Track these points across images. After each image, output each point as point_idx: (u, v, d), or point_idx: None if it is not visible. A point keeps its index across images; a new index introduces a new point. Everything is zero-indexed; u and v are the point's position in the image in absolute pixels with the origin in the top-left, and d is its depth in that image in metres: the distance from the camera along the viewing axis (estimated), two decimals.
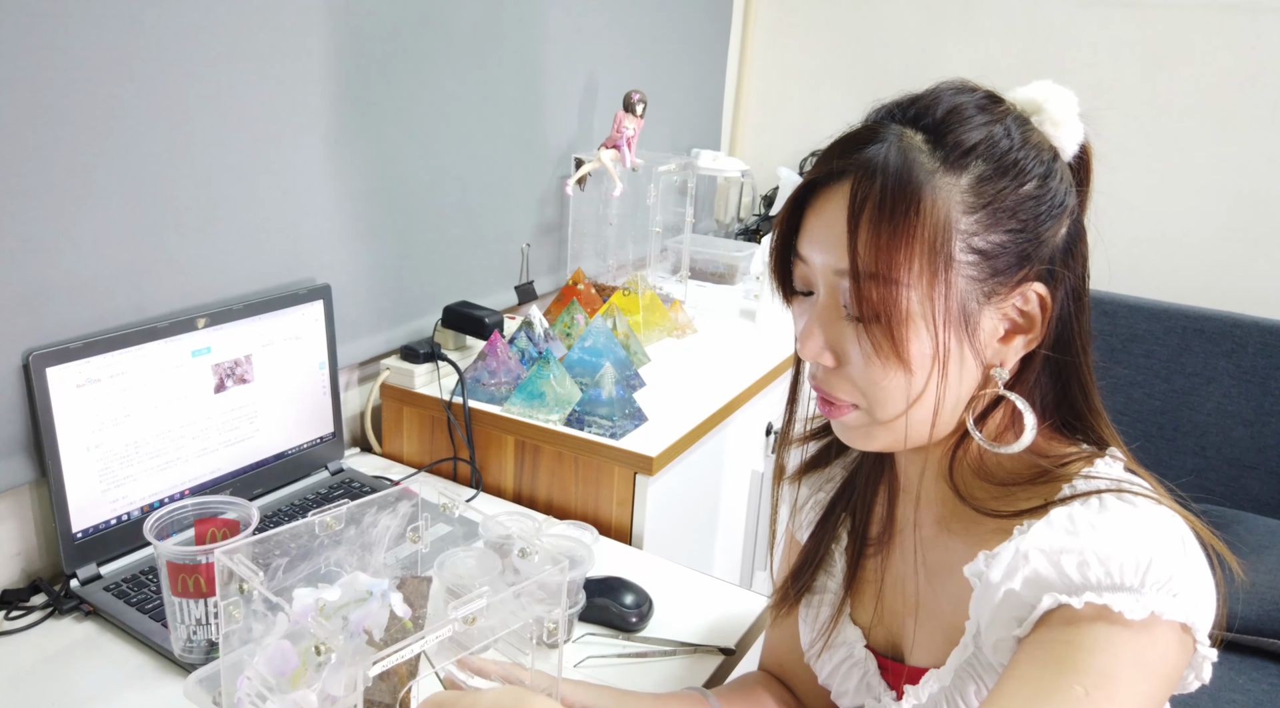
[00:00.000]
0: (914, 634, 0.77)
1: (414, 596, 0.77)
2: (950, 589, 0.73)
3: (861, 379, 0.66)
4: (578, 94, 1.89)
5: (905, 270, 0.62)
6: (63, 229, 1.03)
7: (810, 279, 0.69)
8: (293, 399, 1.28)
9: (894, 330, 0.63)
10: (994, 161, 0.63)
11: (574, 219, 1.90)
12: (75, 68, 1.01)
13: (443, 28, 1.49)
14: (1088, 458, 0.69)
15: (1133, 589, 0.58)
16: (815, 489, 0.89)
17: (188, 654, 0.94)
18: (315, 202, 1.33)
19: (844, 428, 0.72)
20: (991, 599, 0.64)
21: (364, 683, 0.65)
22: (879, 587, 0.81)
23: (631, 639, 1.07)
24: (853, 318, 0.65)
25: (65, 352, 1.01)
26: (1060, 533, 0.62)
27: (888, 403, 0.66)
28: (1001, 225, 0.63)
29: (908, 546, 0.79)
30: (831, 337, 0.67)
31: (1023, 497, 0.68)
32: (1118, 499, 0.63)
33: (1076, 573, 0.60)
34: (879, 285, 0.62)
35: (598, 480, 1.30)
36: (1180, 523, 0.63)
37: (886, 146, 0.64)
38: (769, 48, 2.61)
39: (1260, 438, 1.95)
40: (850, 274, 0.63)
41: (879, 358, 0.64)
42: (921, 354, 0.64)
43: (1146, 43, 2.13)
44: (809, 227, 0.67)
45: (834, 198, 0.65)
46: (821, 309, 0.68)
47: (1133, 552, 0.59)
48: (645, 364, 1.58)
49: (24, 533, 1.08)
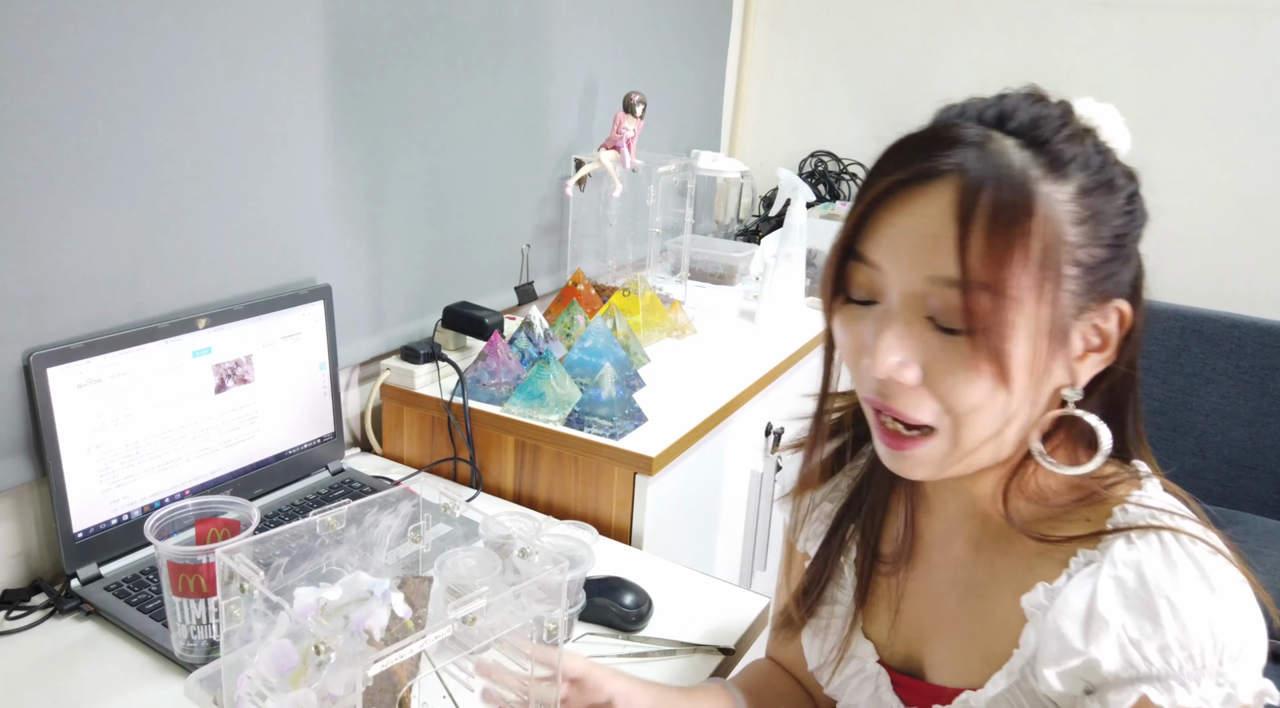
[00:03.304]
0: (937, 652, 0.75)
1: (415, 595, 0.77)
2: (991, 611, 0.71)
3: (951, 397, 0.61)
4: (577, 95, 1.89)
5: (1017, 282, 0.58)
6: (63, 229, 1.03)
7: (878, 287, 0.63)
8: (293, 399, 1.28)
9: (1002, 345, 0.59)
10: (1092, 174, 0.61)
11: (574, 220, 1.90)
12: (75, 68, 1.01)
13: (443, 28, 1.49)
14: (1129, 480, 0.68)
15: (1212, 672, 0.59)
16: (820, 500, 0.86)
17: (188, 654, 0.94)
18: (315, 202, 1.33)
19: (909, 460, 0.66)
20: (1061, 648, 0.63)
21: (364, 683, 0.65)
22: (896, 602, 0.79)
23: (631, 639, 1.07)
24: (945, 329, 0.61)
25: (66, 352, 1.01)
26: (1135, 599, 0.61)
27: (976, 424, 0.62)
28: (1101, 240, 0.61)
29: (935, 563, 0.76)
30: (913, 350, 0.62)
31: (1068, 520, 0.68)
32: (1186, 556, 0.62)
33: (1159, 660, 0.60)
34: (991, 297, 0.58)
35: (598, 481, 1.31)
36: (1239, 579, 0.63)
37: (982, 150, 0.60)
38: (769, 48, 2.62)
39: (1259, 438, 1.95)
40: (961, 284, 0.58)
41: (976, 374, 0.60)
42: (1019, 370, 0.60)
43: (1145, 44, 2.13)
44: (886, 230, 0.62)
45: (926, 201, 0.60)
46: (898, 320, 0.62)
47: (1213, 638, 0.60)
48: (645, 364, 1.58)
49: (24, 533, 1.08)
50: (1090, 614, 0.62)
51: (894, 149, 0.64)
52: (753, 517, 1.73)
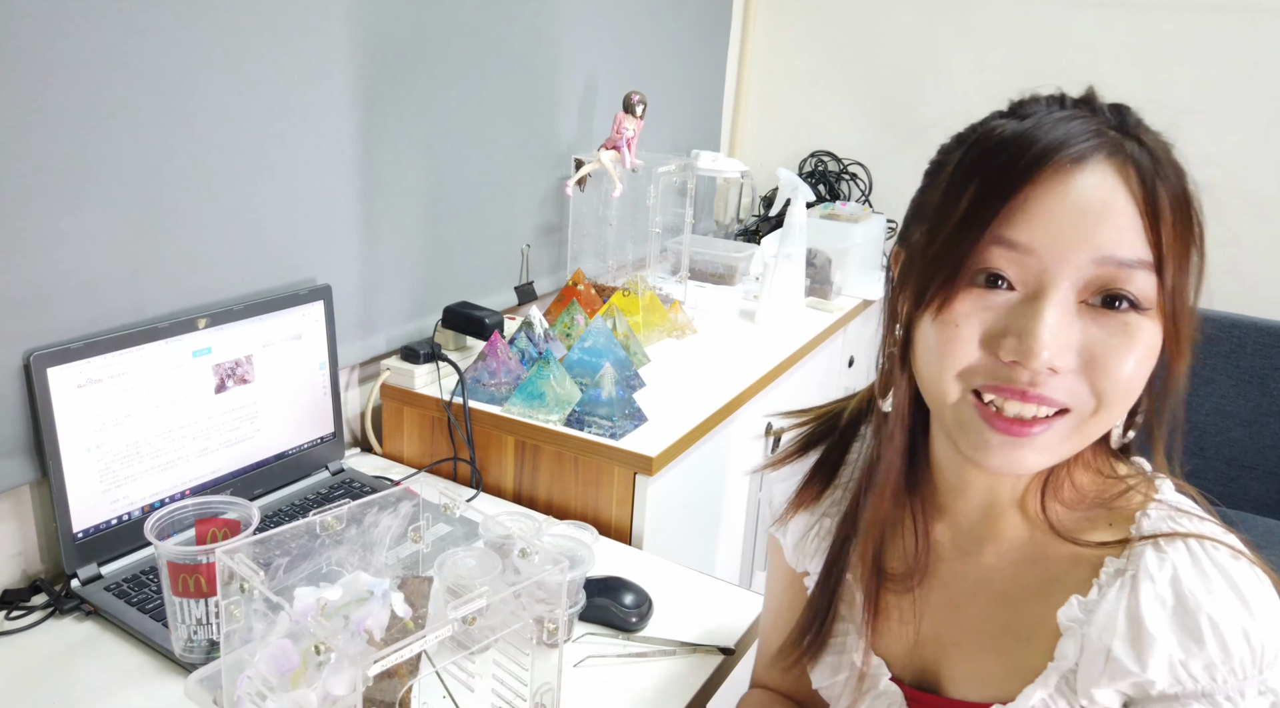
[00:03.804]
0: (957, 665, 0.74)
1: (415, 595, 0.78)
2: (1018, 621, 0.70)
3: (1107, 378, 0.60)
4: (578, 95, 1.89)
5: (1189, 258, 0.61)
6: (63, 229, 1.03)
7: (1023, 272, 0.61)
8: (293, 399, 1.28)
9: (1184, 324, 0.62)
10: (1181, 168, 0.64)
11: (574, 220, 1.90)
12: (76, 68, 1.01)
13: (443, 29, 1.49)
14: (1146, 482, 0.70)
15: (1254, 682, 0.62)
16: (814, 519, 0.83)
17: (188, 654, 0.94)
18: (316, 201, 1.33)
19: (1027, 449, 0.63)
20: (1112, 668, 0.63)
21: (364, 683, 0.65)
22: (913, 616, 0.77)
23: (631, 639, 1.07)
24: (1104, 308, 0.60)
25: (66, 352, 1.01)
26: (1178, 618, 0.62)
27: (1119, 405, 0.62)
28: (1200, 227, 0.64)
29: (955, 572, 0.75)
30: (1072, 333, 0.60)
31: (1092, 524, 0.68)
32: (1213, 566, 0.63)
33: (1205, 677, 0.61)
34: (1177, 273, 0.60)
35: (598, 481, 1.31)
36: (1264, 581, 0.64)
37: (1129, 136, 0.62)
38: (769, 49, 2.62)
39: (1259, 438, 1.95)
40: (1153, 265, 0.59)
41: (1134, 353, 0.60)
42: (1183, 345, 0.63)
43: (1146, 44, 2.13)
44: (1040, 211, 0.59)
45: (1085, 181, 0.59)
46: (1056, 303, 0.59)
47: (1250, 649, 0.61)
48: (645, 364, 1.58)
49: (25, 533, 1.08)
50: (1139, 634, 0.63)
51: (1031, 123, 0.61)
52: (753, 517, 1.73)
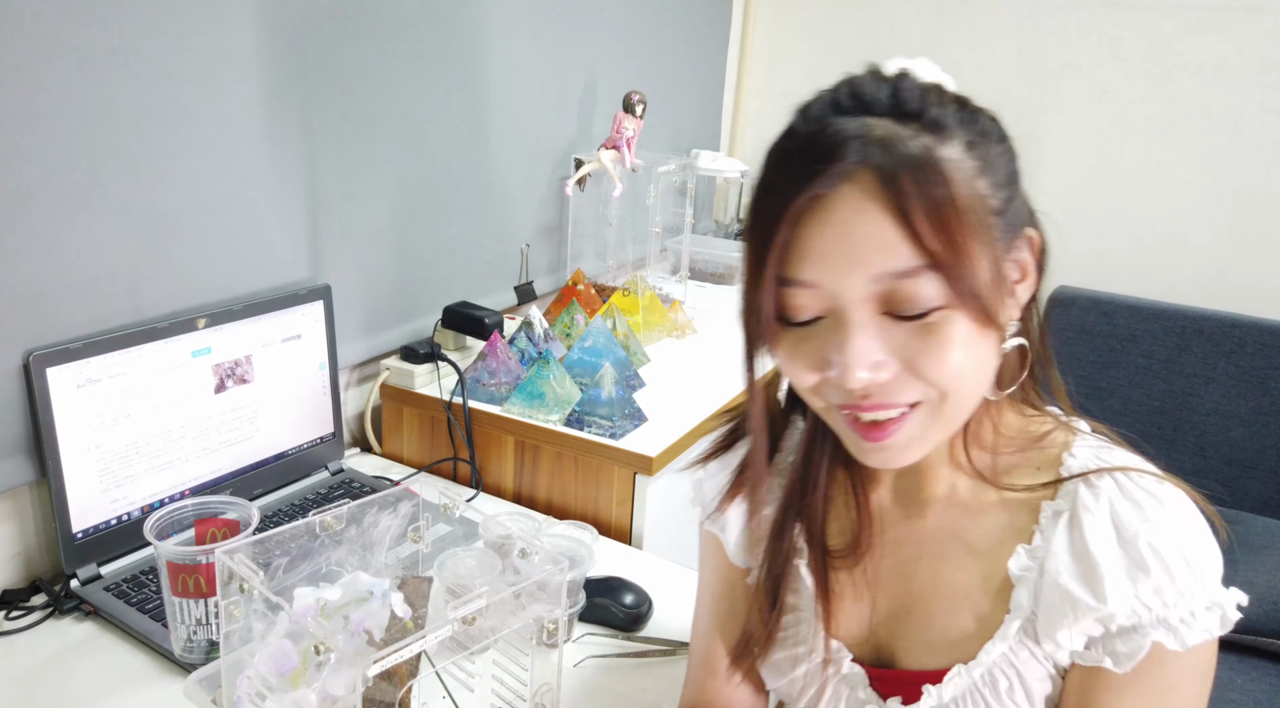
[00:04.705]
0: (911, 634, 0.73)
1: (414, 596, 0.77)
2: (966, 578, 0.70)
3: (934, 374, 0.62)
4: (577, 94, 1.89)
5: (968, 248, 0.59)
6: (63, 229, 1.03)
7: (819, 303, 0.62)
8: (293, 399, 1.28)
9: (986, 305, 0.61)
10: (968, 127, 0.62)
11: (574, 219, 1.90)
12: (75, 69, 1.01)
13: (443, 28, 1.49)
14: (1063, 425, 0.72)
15: (1201, 599, 0.64)
16: (752, 511, 0.81)
17: (188, 654, 0.94)
18: (315, 201, 1.33)
19: (894, 447, 0.65)
20: (1074, 607, 0.64)
21: (364, 683, 0.65)
22: (865, 590, 0.76)
23: (631, 639, 1.07)
24: (906, 318, 0.61)
25: (65, 352, 1.01)
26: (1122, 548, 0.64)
27: (961, 392, 0.63)
28: (1001, 182, 0.63)
29: (896, 539, 0.75)
30: (882, 347, 0.62)
31: (1021, 470, 0.70)
32: (1144, 492, 0.66)
33: (1158, 603, 0.63)
34: (952, 270, 0.59)
35: (597, 481, 1.31)
36: (1187, 500, 0.66)
37: (872, 139, 0.60)
38: (769, 48, 2.61)
39: (1259, 438, 1.95)
40: (929, 267, 0.59)
41: (950, 347, 0.61)
42: (993, 327, 0.63)
43: (1146, 43, 2.13)
44: (812, 246, 0.61)
45: (842, 204, 0.60)
46: (856, 325, 0.61)
47: (1190, 568, 0.63)
48: (645, 364, 1.58)
49: (24, 533, 1.08)
50: (1091, 569, 0.64)
51: (782, 164, 0.64)
52: None
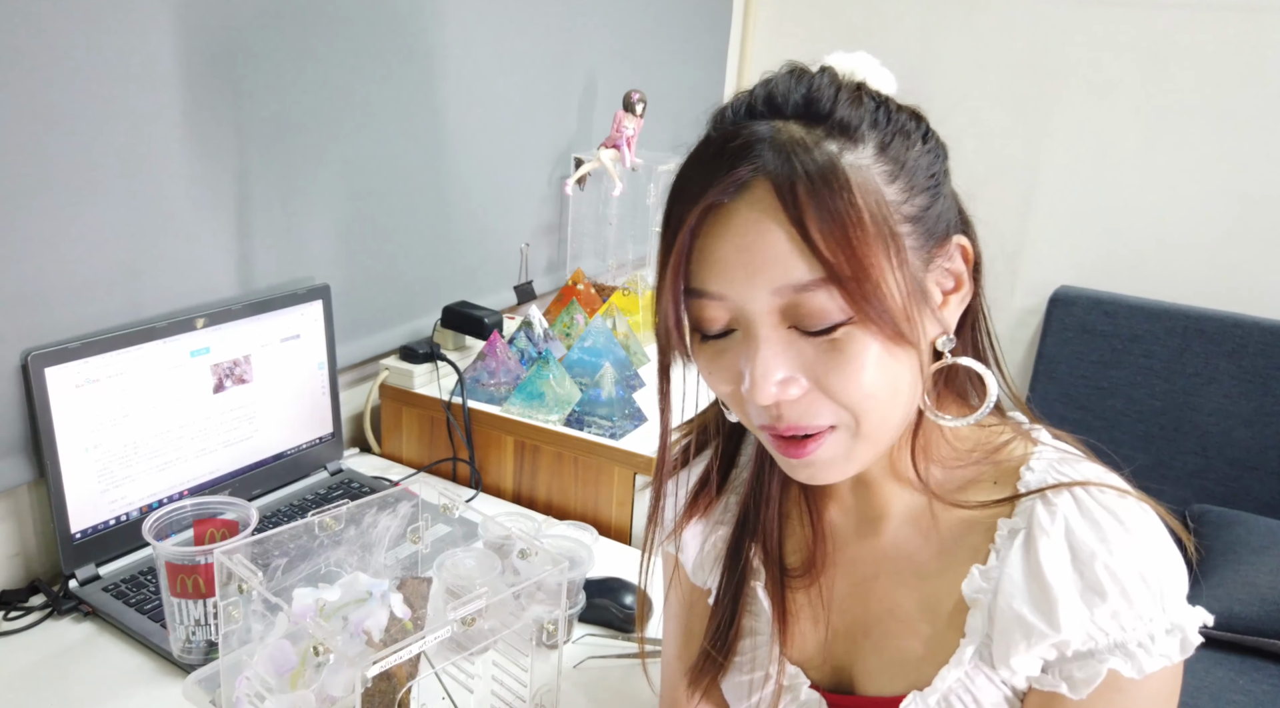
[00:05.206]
0: (869, 657, 0.71)
1: (414, 596, 0.77)
2: (925, 598, 0.68)
3: (844, 393, 0.59)
4: (577, 94, 1.88)
5: (868, 258, 0.57)
6: (62, 229, 1.03)
7: (728, 315, 0.60)
8: (292, 399, 1.28)
9: (892, 321, 0.58)
10: (883, 128, 0.60)
11: (573, 219, 1.90)
12: (75, 67, 1.01)
13: (442, 28, 1.49)
14: (1022, 435, 0.68)
15: (1160, 623, 0.60)
16: (709, 530, 0.79)
17: (186, 655, 0.94)
18: (314, 200, 1.33)
19: (815, 466, 0.63)
20: (1026, 633, 0.62)
21: (363, 684, 0.65)
22: (822, 611, 0.74)
23: (631, 639, 1.06)
24: (812, 333, 0.58)
25: (64, 352, 1.01)
26: (1077, 571, 0.61)
27: (875, 411, 0.60)
28: (918, 188, 0.60)
29: (850, 559, 0.73)
30: (789, 363, 0.59)
31: (977, 485, 0.67)
32: (1102, 510, 0.62)
33: (1115, 627, 0.60)
34: (852, 281, 0.56)
35: (597, 481, 1.30)
36: (1150, 515, 0.63)
37: (775, 144, 0.58)
38: (769, 48, 2.61)
39: (1261, 438, 1.95)
40: (821, 281, 0.56)
41: (860, 363, 0.58)
42: (903, 340, 0.59)
43: (1147, 42, 2.13)
44: (715, 257, 0.59)
45: (743, 214, 0.58)
46: (762, 339, 0.59)
47: (1148, 589, 0.60)
48: (645, 364, 1.58)
49: (23, 534, 1.08)
50: (1044, 594, 0.61)
51: (686, 174, 0.62)
52: None
